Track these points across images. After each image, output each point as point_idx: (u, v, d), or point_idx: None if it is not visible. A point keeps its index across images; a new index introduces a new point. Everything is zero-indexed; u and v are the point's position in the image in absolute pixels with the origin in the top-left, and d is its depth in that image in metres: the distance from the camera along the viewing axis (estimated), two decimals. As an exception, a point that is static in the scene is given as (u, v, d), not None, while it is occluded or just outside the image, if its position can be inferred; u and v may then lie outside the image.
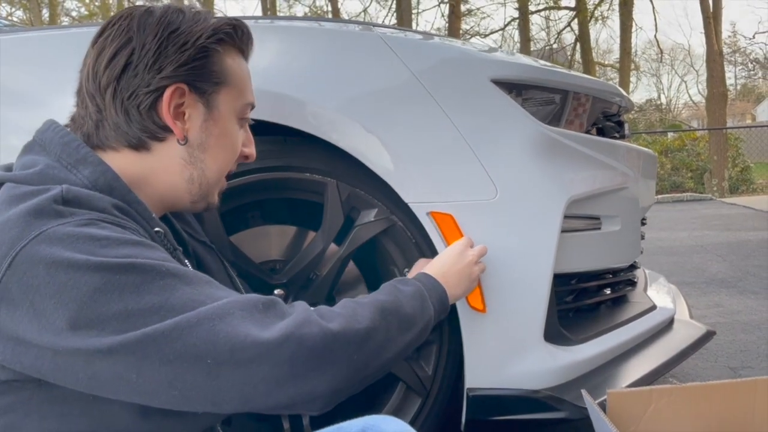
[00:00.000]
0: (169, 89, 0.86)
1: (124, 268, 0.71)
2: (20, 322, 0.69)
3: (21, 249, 0.70)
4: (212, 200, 0.97)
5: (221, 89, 0.92)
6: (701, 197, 10.89)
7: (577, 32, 18.35)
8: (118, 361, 0.69)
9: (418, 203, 1.24)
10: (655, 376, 1.42)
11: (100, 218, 0.76)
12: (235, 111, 0.94)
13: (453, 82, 1.27)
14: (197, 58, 0.88)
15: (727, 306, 3.03)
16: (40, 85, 1.30)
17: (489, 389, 1.26)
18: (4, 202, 0.75)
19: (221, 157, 0.94)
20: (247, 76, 0.97)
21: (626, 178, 1.51)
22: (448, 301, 1.05)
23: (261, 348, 0.71)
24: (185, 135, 0.89)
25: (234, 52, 0.94)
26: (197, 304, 0.72)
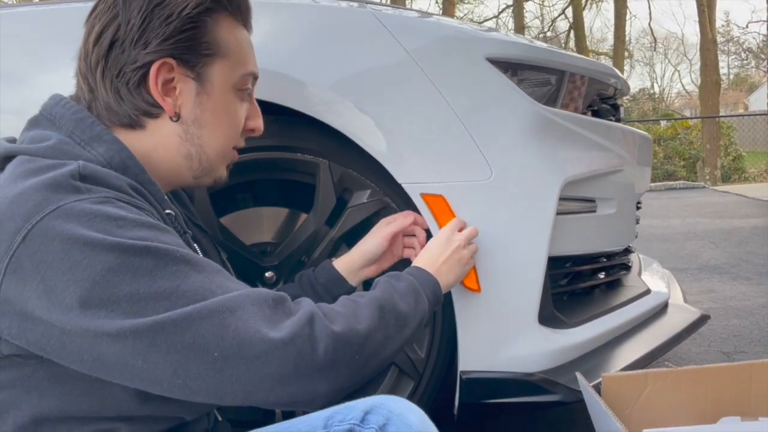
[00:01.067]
0: (155, 64, 0.84)
1: (139, 251, 0.70)
2: (30, 296, 0.68)
3: (37, 222, 0.69)
4: (218, 175, 0.95)
5: (214, 61, 0.88)
6: (694, 185, 10.93)
7: (571, 20, 18.30)
8: (126, 346, 0.68)
9: (411, 184, 1.21)
10: (650, 359, 1.41)
11: (117, 197, 0.75)
12: (232, 83, 0.90)
13: (448, 60, 1.25)
14: (184, 29, 0.85)
15: (720, 292, 3.04)
16: (22, 63, 1.26)
17: (483, 372, 1.24)
18: (19, 175, 0.74)
19: (220, 131, 0.91)
20: (246, 45, 0.93)
21: (622, 161, 1.49)
22: (441, 291, 1.04)
23: (268, 346, 0.71)
24: (177, 111, 0.87)
25: (228, 20, 0.90)
26: (208, 293, 0.72)
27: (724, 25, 30.03)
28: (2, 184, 0.74)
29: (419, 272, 1.03)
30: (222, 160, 0.94)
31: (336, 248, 1.30)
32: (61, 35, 1.26)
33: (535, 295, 1.26)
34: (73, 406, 0.75)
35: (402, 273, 1.01)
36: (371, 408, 0.72)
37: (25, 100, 1.22)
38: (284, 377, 0.72)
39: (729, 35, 31.08)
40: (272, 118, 1.24)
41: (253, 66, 0.93)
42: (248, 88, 0.93)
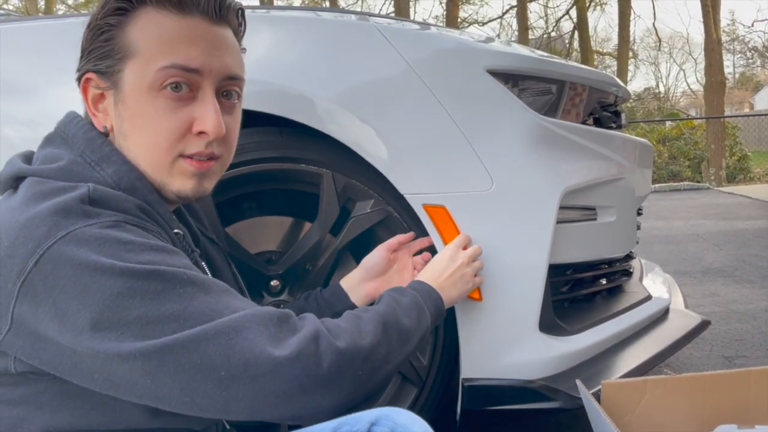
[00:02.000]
0: (82, 81, 0.86)
1: (147, 275, 0.72)
2: (42, 319, 0.70)
3: (49, 248, 0.70)
4: (176, 188, 0.86)
5: (124, 65, 0.82)
6: (698, 186, 10.91)
7: (575, 20, 18.28)
8: (135, 367, 0.70)
9: (413, 194, 1.23)
10: (650, 366, 1.43)
11: (126, 220, 0.77)
12: (148, 83, 0.82)
13: (448, 72, 1.27)
14: (92, 39, 0.84)
15: (722, 295, 3.04)
16: (35, 76, 1.29)
17: (484, 379, 1.26)
18: (31, 197, 0.76)
19: (143, 141, 0.83)
20: (172, 34, 0.83)
21: (622, 169, 1.51)
22: (443, 306, 1.06)
23: (273, 364, 0.73)
24: (105, 126, 0.86)
25: (151, 14, 0.83)
26: (215, 314, 0.74)
27: (729, 24, 29.96)
28: (14, 207, 0.76)
29: (422, 287, 1.04)
30: (165, 172, 0.85)
31: (339, 257, 1.32)
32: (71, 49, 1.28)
33: (536, 302, 1.27)
34: (85, 421, 0.77)
35: (405, 288, 1.02)
36: (377, 419, 0.73)
37: (38, 113, 1.25)
38: (289, 394, 0.73)
39: (734, 34, 30.98)
40: (276, 130, 1.26)
41: (179, 57, 0.82)
42: (175, 80, 0.82)
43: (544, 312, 1.29)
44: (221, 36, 0.87)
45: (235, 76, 0.88)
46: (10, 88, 1.28)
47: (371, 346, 0.82)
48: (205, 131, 0.84)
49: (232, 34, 0.90)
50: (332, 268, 1.32)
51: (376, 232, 1.30)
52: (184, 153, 0.85)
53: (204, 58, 0.83)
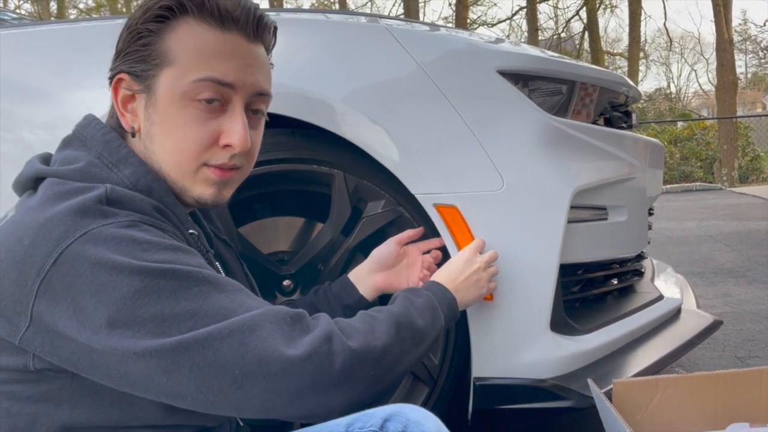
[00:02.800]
0: (114, 81, 0.87)
1: (163, 274, 0.73)
2: (60, 317, 0.72)
3: (67, 247, 0.72)
4: (196, 194, 0.88)
5: (161, 71, 0.85)
6: (710, 187, 10.84)
7: (585, 21, 18.22)
8: (151, 364, 0.71)
9: (424, 195, 1.24)
10: (662, 365, 1.42)
11: (142, 220, 0.78)
12: (180, 91, 0.84)
13: (459, 73, 1.27)
14: (131, 43, 0.86)
15: (735, 296, 3.03)
16: (51, 80, 1.31)
17: (496, 378, 1.27)
18: (49, 198, 0.77)
19: (170, 147, 0.85)
20: (210, 47, 0.85)
21: (633, 169, 1.51)
22: (457, 308, 1.06)
23: (287, 363, 0.73)
24: (133, 126, 0.88)
25: (190, 26, 0.85)
26: (229, 312, 0.75)
27: (741, 23, 29.74)
28: (33, 206, 0.78)
29: (437, 288, 1.05)
30: (188, 178, 0.87)
31: (351, 257, 1.33)
32: (89, 53, 1.30)
33: (547, 302, 1.28)
34: (102, 417, 0.78)
35: (420, 288, 1.03)
36: (390, 416, 0.74)
37: (55, 116, 1.27)
38: (302, 392, 0.74)
39: (746, 34, 30.76)
40: (288, 132, 1.27)
41: (214, 71, 0.84)
42: (209, 96, 0.84)
43: (555, 311, 1.29)
44: (255, 53, 0.89)
45: (264, 92, 0.90)
46: (27, 92, 1.30)
47: (384, 346, 0.82)
48: (232, 145, 0.86)
49: (265, 52, 0.93)
50: (344, 268, 1.33)
51: (388, 232, 1.31)
52: (209, 163, 0.87)
53: (238, 74, 0.85)
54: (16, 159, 1.26)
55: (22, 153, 1.27)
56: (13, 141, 1.29)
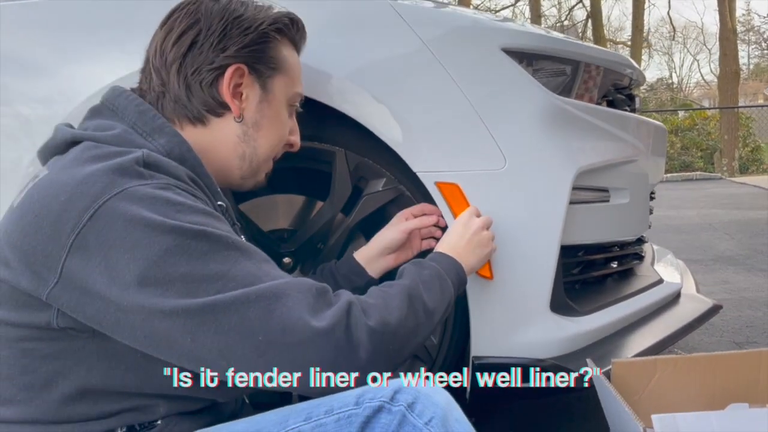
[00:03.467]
0: (230, 68, 0.93)
1: (195, 234, 0.75)
2: (91, 272, 0.73)
3: (104, 203, 0.73)
4: (259, 179, 1.03)
5: (276, 75, 0.99)
6: (711, 176, 10.84)
7: (588, 8, 18.12)
8: (176, 324, 0.72)
9: (425, 172, 1.23)
10: (661, 347, 1.43)
11: (176, 185, 0.80)
12: (287, 98, 1.02)
13: (463, 50, 1.26)
14: (258, 42, 0.95)
15: (734, 283, 3.04)
16: (48, 54, 1.29)
17: (495, 357, 1.27)
18: (88, 158, 0.79)
19: (271, 137, 1.00)
20: (299, 68, 1.04)
21: (636, 151, 1.50)
22: (465, 274, 1.07)
23: (310, 333, 0.74)
24: (241, 113, 0.95)
25: (289, 44, 1.02)
26: (256, 279, 0.76)
27: (744, 14, 29.56)
28: (69, 166, 0.79)
29: (442, 257, 1.05)
30: (266, 165, 1.03)
31: (351, 235, 1.33)
32: (81, 25, 1.29)
33: (548, 282, 1.27)
34: (118, 381, 0.79)
35: (425, 260, 1.03)
36: (400, 387, 0.74)
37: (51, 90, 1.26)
38: (323, 365, 0.75)
39: (749, 24, 30.58)
40: (290, 107, 1.26)
41: (301, 87, 1.05)
42: (296, 105, 1.05)
43: (555, 292, 1.29)
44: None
45: None
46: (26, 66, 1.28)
47: (399, 320, 0.84)
48: (294, 144, 1.07)
49: None
50: (344, 246, 1.33)
51: (388, 210, 1.31)
52: (276, 156, 1.05)
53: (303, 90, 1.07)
54: (13, 133, 1.27)
55: (20, 127, 1.27)
56: (11, 115, 1.27)
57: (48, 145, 0.88)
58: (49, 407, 0.79)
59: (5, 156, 1.25)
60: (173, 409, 0.82)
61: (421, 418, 0.72)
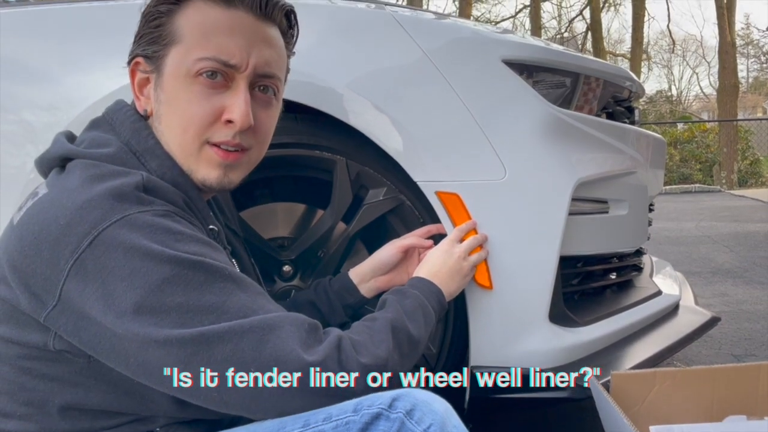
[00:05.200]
0: (131, 65, 0.89)
1: (193, 265, 0.74)
2: (89, 298, 0.72)
3: (103, 230, 0.73)
4: (200, 176, 0.87)
5: (168, 51, 0.85)
6: (710, 189, 10.85)
7: (588, 21, 18.20)
8: (170, 353, 0.72)
9: (426, 182, 1.24)
10: (659, 359, 1.43)
11: (175, 211, 0.80)
12: (185, 68, 0.84)
13: (464, 61, 1.27)
14: (146, 26, 0.87)
15: (732, 295, 3.03)
16: (53, 61, 1.30)
17: (493, 367, 1.26)
18: (87, 179, 0.78)
19: (175, 124, 0.85)
20: (214, 26, 0.84)
21: (635, 163, 1.51)
22: (445, 300, 1.07)
23: (302, 366, 0.74)
24: (146, 108, 0.89)
25: (198, 5, 0.85)
26: (250, 312, 0.76)
27: (743, 27, 29.70)
28: (70, 187, 0.78)
29: (423, 284, 1.05)
30: (193, 158, 0.86)
31: (351, 244, 1.33)
32: (87, 33, 1.30)
33: (547, 293, 1.28)
34: (114, 404, 0.80)
35: (406, 288, 1.03)
36: (398, 395, 0.74)
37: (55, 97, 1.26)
38: (314, 398, 0.75)
39: (749, 38, 30.73)
40: (292, 116, 1.27)
41: (215, 50, 0.84)
42: (210, 71, 0.84)
43: (554, 303, 1.29)
44: (263, 32, 0.88)
45: (270, 74, 0.89)
46: (30, 73, 1.29)
47: (387, 353, 0.84)
48: (233, 120, 0.85)
49: (278, 33, 0.92)
50: (344, 255, 1.33)
51: (389, 219, 1.31)
52: (211, 140, 0.86)
53: (241, 53, 0.85)
54: (17, 140, 1.27)
55: (24, 133, 1.28)
56: (15, 122, 1.28)
57: (44, 158, 0.88)
58: (48, 422, 0.80)
59: (8, 162, 1.26)
60: (172, 418, 0.83)
61: (419, 425, 0.72)
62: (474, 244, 1.19)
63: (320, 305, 1.19)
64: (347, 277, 1.22)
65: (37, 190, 0.83)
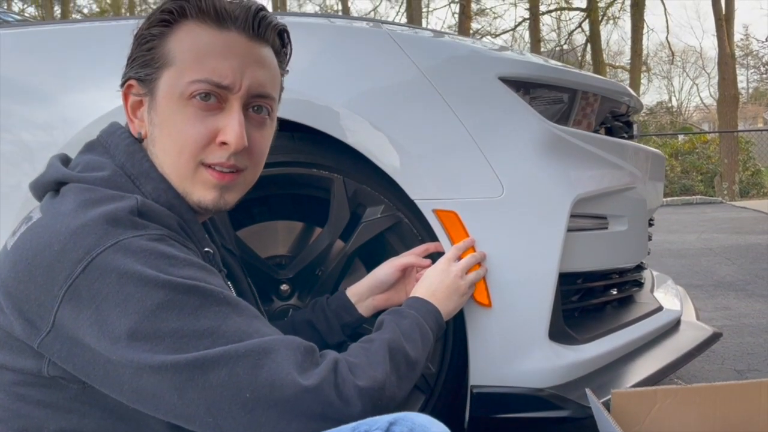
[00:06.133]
0: (123, 88, 0.89)
1: (188, 289, 0.74)
2: (83, 324, 0.72)
3: (97, 255, 0.73)
4: (196, 198, 0.87)
5: (161, 73, 0.85)
6: (711, 200, 10.83)
7: (587, 33, 18.27)
8: (164, 379, 0.71)
9: (423, 200, 1.24)
10: (661, 376, 1.41)
11: (169, 235, 0.80)
12: (178, 91, 0.84)
13: (461, 79, 1.27)
14: (137, 49, 0.88)
15: (735, 309, 3.02)
16: (50, 81, 1.30)
17: (493, 387, 1.25)
18: (81, 204, 0.78)
19: (169, 147, 0.85)
20: (205, 48, 0.84)
21: (634, 178, 1.50)
22: (443, 320, 1.07)
23: (298, 390, 0.74)
24: (140, 131, 0.89)
25: (190, 27, 0.85)
26: (245, 336, 0.75)
27: (743, 38, 29.82)
28: (64, 212, 0.78)
29: (420, 303, 1.05)
30: (188, 180, 0.86)
31: (350, 263, 1.32)
32: (84, 53, 1.30)
33: (546, 310, 1.27)
34: (110, 429, 0.79)
35: (403, 308, 1.03)
36: (396, 420, 0.74)
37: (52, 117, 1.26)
38: (312, 421, 0.74)
39: (748, 49, 30.83)
40: (288, 135, 1.27)
41: (208, 72, 0.84)
42: (204, 93, 0.84)
43: (554, 320, 1.28)
44: (257, 53, 0.88)
45: (264, 94, 0.89)
46: (27, 93, 1.29)
47: (384, 375, 0.83)
48: (227, 142, 0.85)
49: (272, 53, 0.92)
50: (342, 274, 1.32)
51: (387, 237, 1.31)
52: (205, 162, 0.86)
53: (234, 74, 0.85)
54: (14, 159, 1.27)
55: (20, 153, 1.28)
56: (12, 141, 1.28)
57: (39, 182, 0.88)
58: None
59: (6, 181, 1.26)
60: None
61: None
62: (472, 263, 1.18)
63: (318, 324, 1.18)
64: (345, 295, 1.21)
65: (31, 214, 0.83)
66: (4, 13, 2.29)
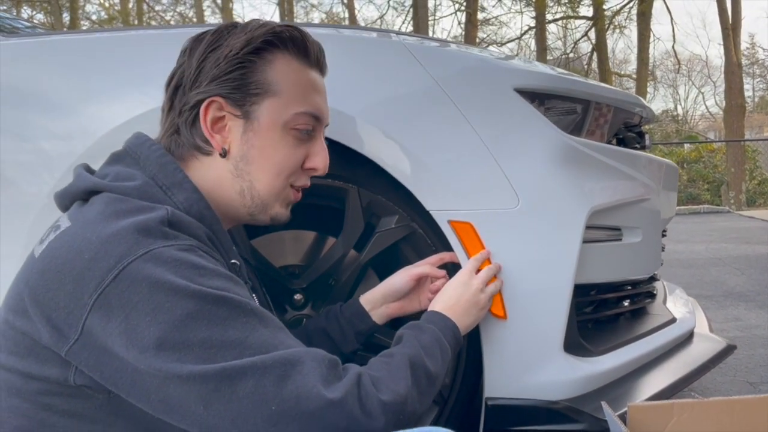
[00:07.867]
0: (204, 103, 0.90)
1: (217, 300, 0.74)
2: (112, 332, 0.72)
3: (128, 264, 0.73)
4: (274, 212, 0.97)
5: (262, 100, 0.92)
6: (718, 209, 10.80)
7: (594, 42, 18.28)
8: (192, 390, 0.71)
9: (438, 211, 1.23)
10: (675, 389, 1.40)
11: (198, 246, 0.81)
12: (282, 121, 0.93)
13: (476, 90, 1.27)
14: (230, 70, 0.90)
15: (746, 320, 3.00)
16: (69, 91, 1.30)
17: (508, 399, 1.25)
18: (112, 213, 0.79)
19: (268, 168, 0.93)
20: (305, 85, 0.95)
21: (648, 190, 1.50)
22: (460, 335, 1.07)
23: (323, 403, 0.74)
24: (224, 147, 0.92)
25: (287, 60, 0.94)
26: (272, 347, 0.76)
27: (749, 47, 29.74)
28: (94, 220, 0.78)
29: (438, 318, 1.05)
30: (275, 197, 0.96)
31: (363, 273, 1.32)
32: (101, 64, 1.30)
33: (561, 322, 1.26)
34: None
35: (422, 323, 1.02)
36: None
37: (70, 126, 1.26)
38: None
39: (754, 58, 30.76)
40: (304, 145, 1.27)
41: (308, 105, 0.94)
42: (305, 127, 0.95)
43: (568, 332, 1.28)
44: (324, 86, 1.01)
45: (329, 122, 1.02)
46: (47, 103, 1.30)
47: (406, 389, 0.83)
48: (317, 168, 0.98)
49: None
50: (355, 283, 1.32)
51: (401, 247, 1.30)
52: (294, 184, 0.98)
53: (324, 108, 0.98)
54: (33, 168, 1.27)
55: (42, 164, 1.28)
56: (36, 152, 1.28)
57: (68, 191, 0.88)
58: None
59: (26, 189, 1.26)
60: None
61: None
62: (490, 275, 1.18)
63: (332, 332, 1.18)
64: (358, 303, 1.21)
65: (59, 222, 0.84)
66: (14, 19, 2.31)
